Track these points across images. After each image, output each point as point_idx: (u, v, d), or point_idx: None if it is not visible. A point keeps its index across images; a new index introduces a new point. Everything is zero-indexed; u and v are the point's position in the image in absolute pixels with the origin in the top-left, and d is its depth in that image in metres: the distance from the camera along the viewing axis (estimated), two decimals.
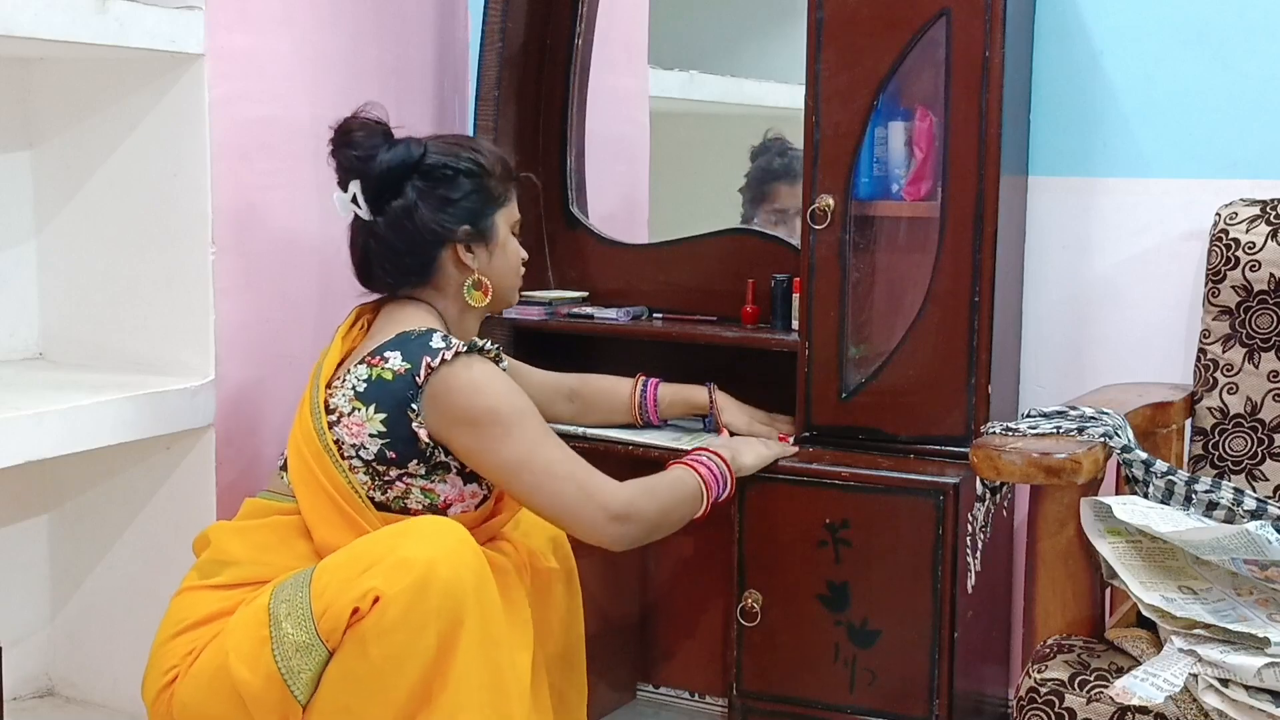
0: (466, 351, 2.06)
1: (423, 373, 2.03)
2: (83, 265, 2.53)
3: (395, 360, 2.05)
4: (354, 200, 2.14)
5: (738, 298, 2.67)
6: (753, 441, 2.39)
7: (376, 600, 1.86)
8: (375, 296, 2.22)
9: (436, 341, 2.06)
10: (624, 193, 3.03)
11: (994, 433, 2.00)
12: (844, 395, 2.45)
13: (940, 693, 2.29)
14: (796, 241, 2.54)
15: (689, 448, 2.33)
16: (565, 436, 2.25)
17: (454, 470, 2.09)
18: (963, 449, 2.31)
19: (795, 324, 2.53)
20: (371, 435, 2.04)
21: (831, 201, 2.40)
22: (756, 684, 2.40)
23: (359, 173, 2.14)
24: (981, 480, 2.00)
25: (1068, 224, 2.56)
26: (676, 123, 3.03)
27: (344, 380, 2.07)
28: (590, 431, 2.53)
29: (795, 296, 2.53)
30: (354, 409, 2.05)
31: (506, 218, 2.21)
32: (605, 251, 2.85)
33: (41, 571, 2.62)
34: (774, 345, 2.55)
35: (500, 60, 2.73)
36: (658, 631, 2.81)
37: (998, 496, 2.03)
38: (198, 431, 2.44)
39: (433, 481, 2.09)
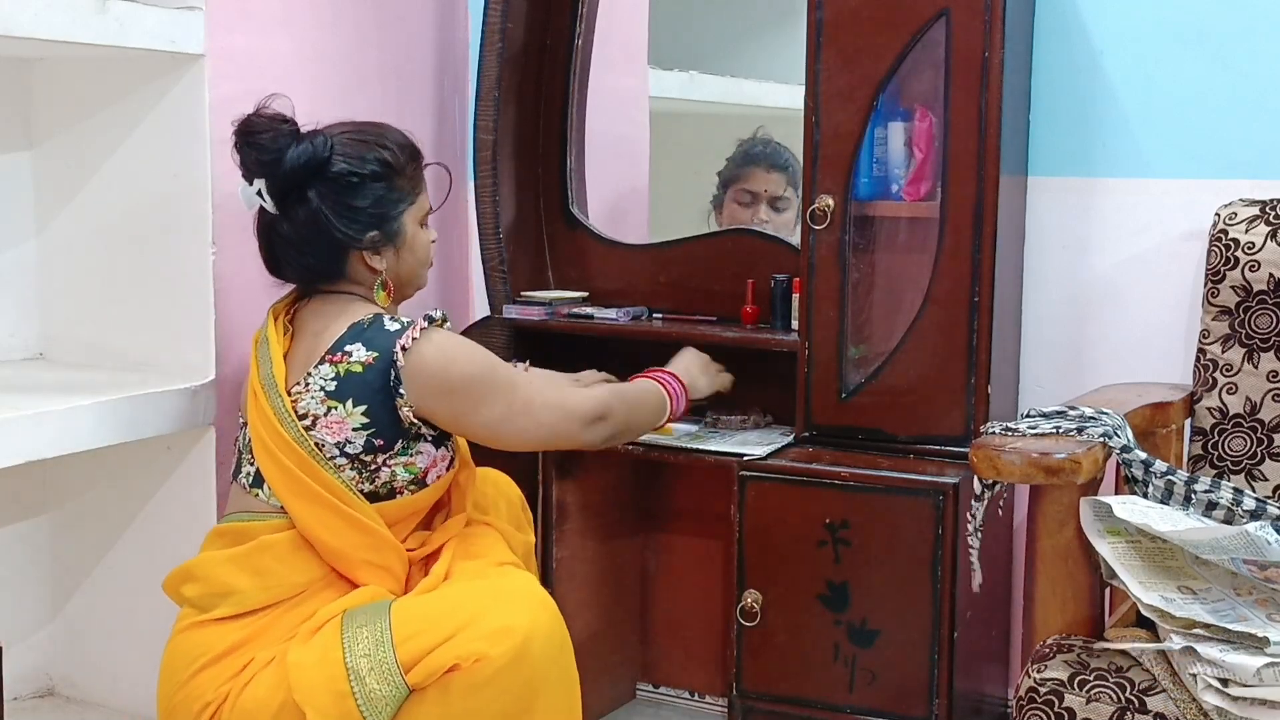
0: (426, 326, 2.09)
1: (399, 357, 2.05)
2: (83, 265, 2.52)
3: (360, 352, 2.07)
4: (259, 194, 2.12)
5: (738, 298, 2.67)
6: (696, 368, 2.47)
7: (478, 661, 1.89)
8: (286, 289, 2.22)
9: (390, 324, 2.08)
10: (624, 193, 3.03)
11: (994, 433, 1.99)
12: (844, 395, 2.45)
13: (940, 693, 2.29)
14: (785, 237, 2.55)
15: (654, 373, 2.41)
16: None
17: (428, 439, 2.12)
18: (962, 449, 2.31)
19: (795, 324, 2.53)
20: (355, 429, 2.06)
21: (831, 202, 2.41)
22: (756, 684, 2.40)
23: (264, 173, 2.12)
24: (979, 479, 2.00)
25: (1068, 224, 2.56)
26: (676, 123, 3.03)
27: (306, 384, 2.07)
28: None
29: (795, 296, 2.53)
30: (329, 409, 2.06)
31: (415, 213, 2.19)
32: (605, 251, 2.85)
33: (41, 571, 2.62)
34: (774, 345, 2.55)
35: (500, 60, 2.73)
36: (658, 631, 2.81)
37: (993, 492, 2.02)
38: (198, 431, 2.43)
39: (411, 456, 2.11)
